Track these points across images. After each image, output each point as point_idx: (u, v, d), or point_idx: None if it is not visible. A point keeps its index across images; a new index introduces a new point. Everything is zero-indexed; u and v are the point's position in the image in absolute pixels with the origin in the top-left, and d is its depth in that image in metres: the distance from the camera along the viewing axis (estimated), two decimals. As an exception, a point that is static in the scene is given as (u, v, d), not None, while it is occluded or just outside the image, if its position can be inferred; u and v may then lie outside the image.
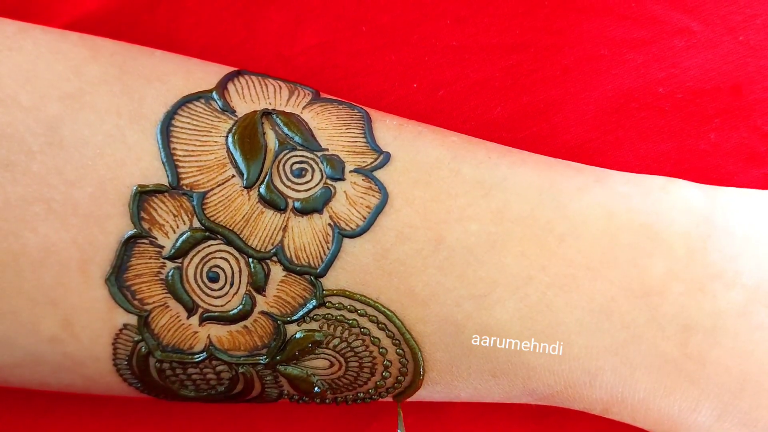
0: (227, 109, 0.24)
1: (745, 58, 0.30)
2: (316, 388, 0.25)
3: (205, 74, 0.25)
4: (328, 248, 0.24)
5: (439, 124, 0.27)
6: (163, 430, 0.31)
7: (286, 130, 0.24)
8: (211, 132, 0.24)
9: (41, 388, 0.26)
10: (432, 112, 0.30)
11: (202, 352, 0.24)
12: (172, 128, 0.23)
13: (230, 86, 0.25)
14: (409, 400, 0.27)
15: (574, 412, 0.31)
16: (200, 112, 0.24)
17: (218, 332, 0.24)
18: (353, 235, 0.24)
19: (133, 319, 0.23)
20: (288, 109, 0.25)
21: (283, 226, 0.23)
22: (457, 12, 0.30)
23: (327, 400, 0.26)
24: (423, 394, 0.26)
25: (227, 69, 0.26)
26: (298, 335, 0.24)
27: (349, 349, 0.24)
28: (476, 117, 0.30)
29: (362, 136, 0.25)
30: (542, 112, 0.30)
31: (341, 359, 0.25)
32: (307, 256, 0.24)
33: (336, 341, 0.24)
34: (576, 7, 0.30)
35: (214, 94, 0.24)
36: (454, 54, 0.30)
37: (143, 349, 0.24)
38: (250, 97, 0.25)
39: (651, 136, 0.30)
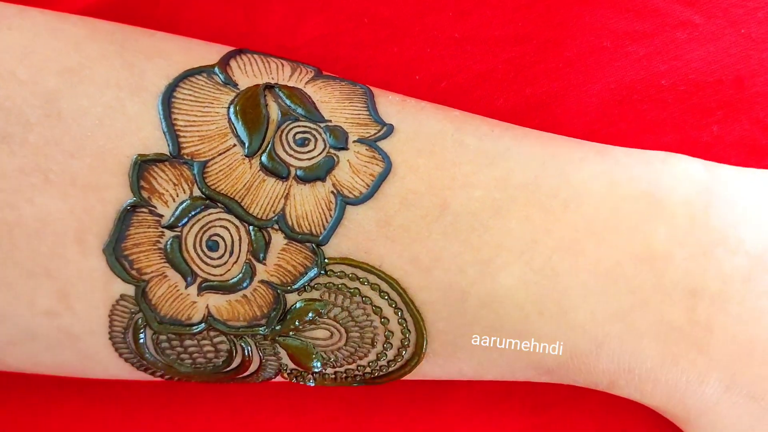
0: (229, 83, 0.24)
1: (747, 51, 0.30)
2: (315, 362, 0.25)
3: (206, 52, 0.25)
4: (330, 216, 0.23)
5: (442, 116, 0.28)
6: (164, 426, 0.31)
7: (288, 102, 0.24)
8: (212, 103, 0.24)
9: (35, 370, 0.26)
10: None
11: (200, 322, 0.24)
12: (173, 100, 0.23)
13: (232, 62, 0.25)
14: (410, 377, 0.26)
15: (574, 405, 0.31)
16: (202, 85, 0.24)
17: (217, 302, 0.24)
18: (356, 203, 0.24)
19: (130, 290, 0.23)
20: (291, 84, 0.25)
21: (285, 194, 0.23)
22: (459, 4, 0.30)
23: (326, 378, 0.26)
24: (425, 369, 0.26)
25: (229, 48, 0.26)
26: (298, 305, 0.24)
27: (350, 318, 0.24)
28: (479, 109, 0.30)
29: (365, 109, 0.25)
30: (545, 104, 0.30)
31: (342, 329, 0.24)
32: (309, 224, 0.23)
33: (337, 310, 0.24)
34: (578, 0, 0.30)
35: (216, 68, 0.24)
36: (456, 46, 0.30)
37: (140, 321, 0.24)
38: (253, 73, 0.25)
39: (653, 128, 0.31)
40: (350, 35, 0.30)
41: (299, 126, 0.24)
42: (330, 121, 0.24)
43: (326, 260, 0.24)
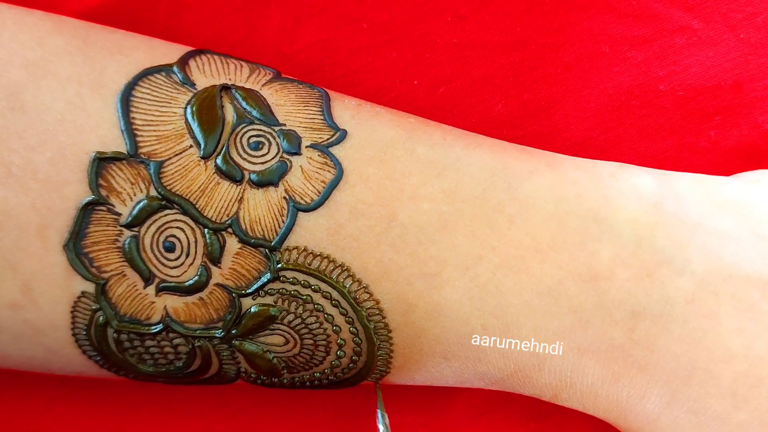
0: (187, 82, 0.24)
1: (745, 56, 0.30)
2: (274, 370, 0.25)
3: (167, 50, 0.25)
4: (282, 221, 0.24)
5: (440, 122, 0.27)
6: (161, 429, 0.31)
7: (244, 104, 0.24)
8: (170, 103, 0.24)
9: (2, 364, 0.26)
10: (432, 110, 0.30)
11: (158, 323, 0.24)
12: (132, 98, 0.24)
13: (191, 62, 0.25)
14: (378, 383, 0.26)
15: (574, 412, 0.31)
16: (160, 84, 0.24)
17: (174, 303, 0.24)
18: (308, 209, 0.24)
19: (90, 287, 0.23)
20: (248, 86, 0.25)
21: (239, 197, 0.24)
22: (457, 9, 0.30)
23: (285, 381, 0.26)
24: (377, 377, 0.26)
25: (190, 48, 0.26)
26: (253, 309, 0.24)
27: (303, 325, 0.24)
28: (477, 114, 0.30)
29: (320, 113, 0.25)
30: (543, 110, 0.30)
31: (296, 336, 0.25)
32: (262, 229, 0.24)
33: (290, 317, 0.24)
34: (577, 5, 0.30)
35: (174, 67, 0.25)
36: (454, 51, 0.30)
37: (101, 319, 0.24)
38: (211, 73, 0.25)
39: (651, 133, 0.30)
40: (348, 40, 0.30)
41: (254, 129, 0.24)
42: (284, 125, 0.25)
43: (279, 266, 0.24)
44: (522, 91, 0.30)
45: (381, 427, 0.26)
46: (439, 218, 0.24)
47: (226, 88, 0.25)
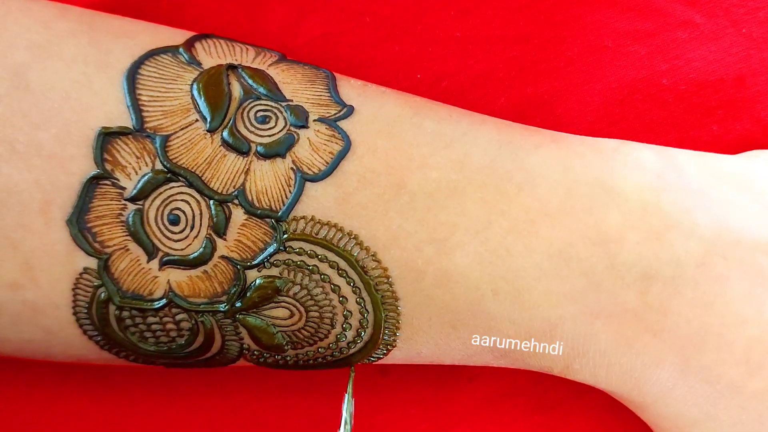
0: (193, 62, 0.24)
1: (748, 51, 0.30)
2: (278, 345, 0.25)
3: (173, 35, 0.25)
4: (290, 191, 0.24)
5: (443, 115, 0.28)
6: (164, 423, 0.31)
7: (251, 81, 0.24)
8: (176, 80, 0.24)
9: (0, 350, 0.26)
10: (435, 103, 0.30)
11: (161, 298, 0.24)
12: (138, 76, 0.24)
13: (197, 44, 0.25)
14: (376, 363, 0.26)
15: (577, 405, 0.31)
16: (167, 63, 0.24)
17: (178, 277, 0.24)
18: (315, 179, 0.24)
19: (93, 263, 0.23)
20: (254, 66, 0.25)
21: (246, 169, 0.24)
22: (460, 3, 0.30)
23: (289, 359, 0.26)
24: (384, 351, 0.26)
25: (195, 33, 0.26)
26: (258, 281, 0.24)
27: (309, 297, 0.24)
28: (479, 108, 0.30)
29: (326, 91, 0.25)
30: (546, 104, 0.30)
31: (301, 309, 0.24)
32: (268, 200, 0.24)
33: (296, 288, 0.24)
34: (579, -1, 0.30)
35: (181, 49, 0.25)
36: (457, 45, 0.30)
37: (102, 296, 0.23)
38: (217, 54, 0.25)
39: (654, 127, 0.31)
40: (351, 34, 0.30)
41: (260, 104, 0.24)
42: (291, 100, 0.25)
43: (285, 236, 0.24)
44: (525, 85, 0.30)
45: (345, 415, 0.26)
46: (448, 185, 0.24)
47: (232, 67, 0.25)
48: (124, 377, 0.31)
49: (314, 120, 0.24)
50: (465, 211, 0.24)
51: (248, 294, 0.24)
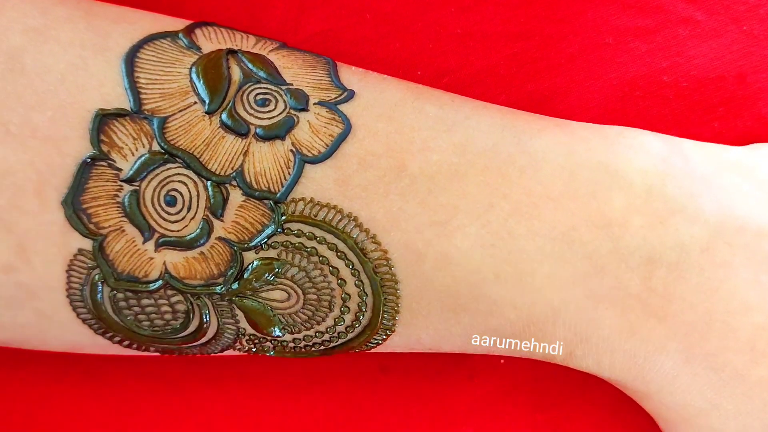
0: (193, 47, 0.24)
1: (749, 48, 0.30)
2: (274, 327, 0.25)
3: (172, 22, 0.25)
4: (289, 173, 0.23)
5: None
6: (163, 420, 0.31)
7: (251, 65, 0.24)
8: (175, 64, 0.24)
9: None
10: (436, 100, 0.30)
11: (157, 279, 0.24)
12: (136, 59, 0.24)
13: (197, 30, 0.25)
14: (373, 351, 0.26)
15: (579, 403, 0.31)
16: (166, 48, 0.24)
17: (174, 259, 0.23)
18: (315, 161, 0.24)
19: (87, 244, 0.23)
20: (254, 51, 0.25)
21: (244, 150, 0.23)
22: (461, 0, 0.30)
23: (285, 346, 0.25)
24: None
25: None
26: (255, 263, 0.24)
27: (307, 279, 0.24)
28: (480, 105, 0.30)
29: (327, 76, 0.25)
30: (547, 100, 0.30)
31: (299, 291, 0.24)
32: (267, 181, 0.23)
33: (294, 270, 0.24)
34: (580, -4, 0.30)
35: (180, 34, 0.25)
36: (458, 42, 0.30)
37: (97, 277, 0.23)
38: (217, 40, 0.25)
39: (655, 124, 0.31)
40: (352, 31, 0.30)
41: (260, 87, 0.24)
42: (291, 84, 0.25)
43: (284, 218, 0.24)
44: (525, 82, 0.30)
45: None
46: (449, 168, 0.24)
47: (232, 51, 0.25)
48: (123, 374, 0.31)
49: (314, 103, 0.24)
50: (466, 194, 0.24)
51: (245, 276, 0.24)
